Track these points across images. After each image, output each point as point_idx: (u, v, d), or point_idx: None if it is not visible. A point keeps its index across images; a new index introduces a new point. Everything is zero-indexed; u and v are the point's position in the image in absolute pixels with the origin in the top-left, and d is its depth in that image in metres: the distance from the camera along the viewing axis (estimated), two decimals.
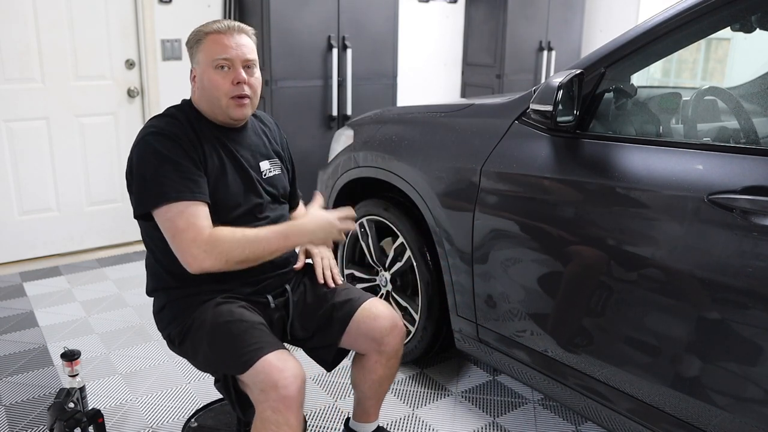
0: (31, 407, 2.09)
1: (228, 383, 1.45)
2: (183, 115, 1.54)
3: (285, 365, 1.33)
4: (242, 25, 1.55)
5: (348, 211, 1.60)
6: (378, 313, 1.61)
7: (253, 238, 1.43)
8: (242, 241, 1.42)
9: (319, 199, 1.64)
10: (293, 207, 1.83)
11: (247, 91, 1.52)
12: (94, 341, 2.57)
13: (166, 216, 1.43)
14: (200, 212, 1.44)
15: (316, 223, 1.54)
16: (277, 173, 1.67)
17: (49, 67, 3.25)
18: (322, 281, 1.69)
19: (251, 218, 1.57)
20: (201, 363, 1.53)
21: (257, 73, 1.56)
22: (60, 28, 3.25)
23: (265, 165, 1.64)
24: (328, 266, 1.72)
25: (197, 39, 1.53)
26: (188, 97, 1.61)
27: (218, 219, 1.50)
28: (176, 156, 1.44)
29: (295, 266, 1.70)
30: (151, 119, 1.55)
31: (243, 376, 1.38)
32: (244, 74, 1.51)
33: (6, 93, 3.17)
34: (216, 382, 1.53)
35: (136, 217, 1.50)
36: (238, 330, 1.43)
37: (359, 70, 3.91)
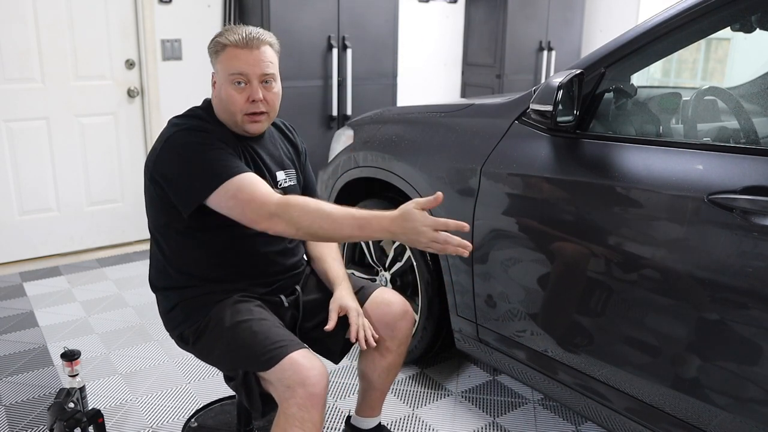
0: (31, 407, 2.09)
1: (250, 380, 1.44)
2: (207, 116, 1.55)
3: (312, 363, 1.35)
4: (263, 36, 1.51)
5: (455, 224, 1.31)
6: (390, 300, 1.65)
7: (326, 215, 1.34)
8: (314, 214, 1.35)
9: (430, 200, 1.33)
10: None
11: (262, 108, 1.51)
12: (94, 341, 2.57)
13: (225, 196, 1.40)
14: (258, 181, 1.43)
15: (401, 225, 1.31)
16: (291, 184, 1.66)
17: (49, 67, 3.25)
18: (354, 341, 1.56)
19: None
20: (217, 361, 1.53)
21: (276, 87, 1.54)
22: (60, 28, 3.24)
23: (281, 175, 1.63)
24: (362, 326, 1.58)
25: (216, 49, 1.51)
26: (198, 99, 1.61)
27: (238, 224, 1.47)
28: (213, 142, 1.45)
29: (325, 327, 1.55)
30: (175, 117, 1.54)
31: (266, 374, 1.38)
32: (260, 92, 1.49)
33: (6, 93, 3.17)
34: (228, 381, 1.52)
35: (189, 214, 1.45)
36: (260, 327, 1.43)
37: (359, 70, 3.91)
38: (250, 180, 1.42)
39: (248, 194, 1.40)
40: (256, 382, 1.43)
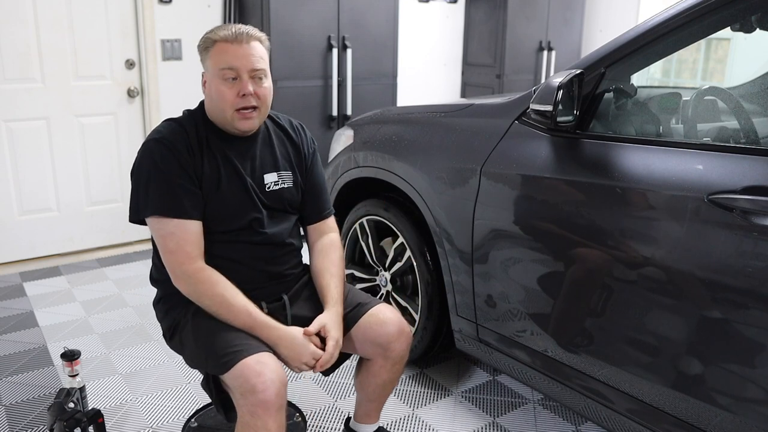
0: (31, 407, 2.09)
1: (209, 383, 1.46)
2: (192, 121, 1.54)
3: (263, 369, 1.32)
4: (252, 32, 1.51)
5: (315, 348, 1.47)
6: (385, 319, 1.59)
7: (226, 305, 1.45)
8: (216, 298, 1.45)
9: (318, 324, 1.50)
10: (317, 220, 1.72)
11: (253, 102, 1.49)
12: (94, 341, 2.57)
13: (158, 231, 1.47)
14: (190, 234, 1.45)
15: (285, 346, 1.45)
16: (285, 187, 1.61)
17: (49, 67, 3.25)
18: (316, 368, 1.50)
19: (250, 232, 1.55)
20: (188, 360, 1.56)
21: (266, 82, 1.52)
22: (60, 28, 3.24)
23: (270, 177, 1.59)
24: (329, 357, 1.50)
25: (206, 46, 1.50)
26: (198, 99, 1.60)
27: (215, 231, 1.50)
28: (171, 168, 1.45)
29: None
30: (163, 121, 1.55)
31: (224, 378, 1.38)
32: (250, 86, 1.47)
33: (6, 93, 3.17)
34: (202, 381, 1.54)
35: (130, 221, 1.51)
36: (222, 330, 1.43)
37: (359, 70, 3.91)
38: (184, 231, 1.45)
39: (174, 245, 1.45)
40: (215, 385, 1.44)
